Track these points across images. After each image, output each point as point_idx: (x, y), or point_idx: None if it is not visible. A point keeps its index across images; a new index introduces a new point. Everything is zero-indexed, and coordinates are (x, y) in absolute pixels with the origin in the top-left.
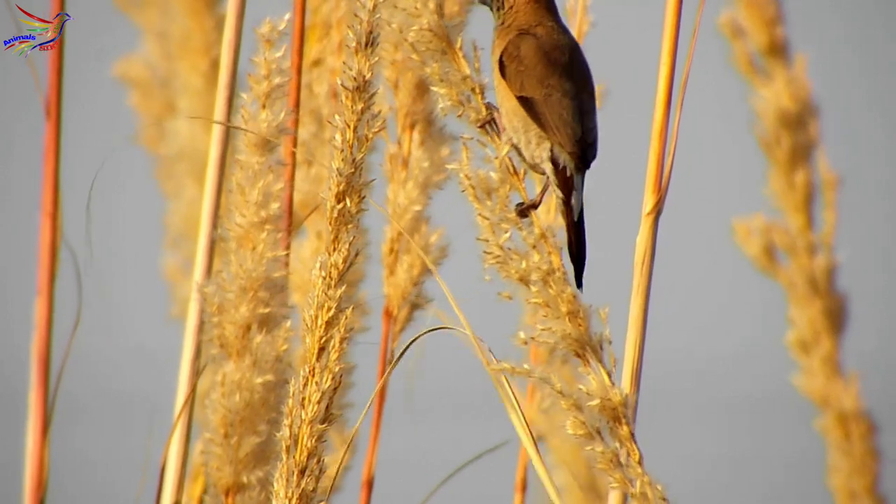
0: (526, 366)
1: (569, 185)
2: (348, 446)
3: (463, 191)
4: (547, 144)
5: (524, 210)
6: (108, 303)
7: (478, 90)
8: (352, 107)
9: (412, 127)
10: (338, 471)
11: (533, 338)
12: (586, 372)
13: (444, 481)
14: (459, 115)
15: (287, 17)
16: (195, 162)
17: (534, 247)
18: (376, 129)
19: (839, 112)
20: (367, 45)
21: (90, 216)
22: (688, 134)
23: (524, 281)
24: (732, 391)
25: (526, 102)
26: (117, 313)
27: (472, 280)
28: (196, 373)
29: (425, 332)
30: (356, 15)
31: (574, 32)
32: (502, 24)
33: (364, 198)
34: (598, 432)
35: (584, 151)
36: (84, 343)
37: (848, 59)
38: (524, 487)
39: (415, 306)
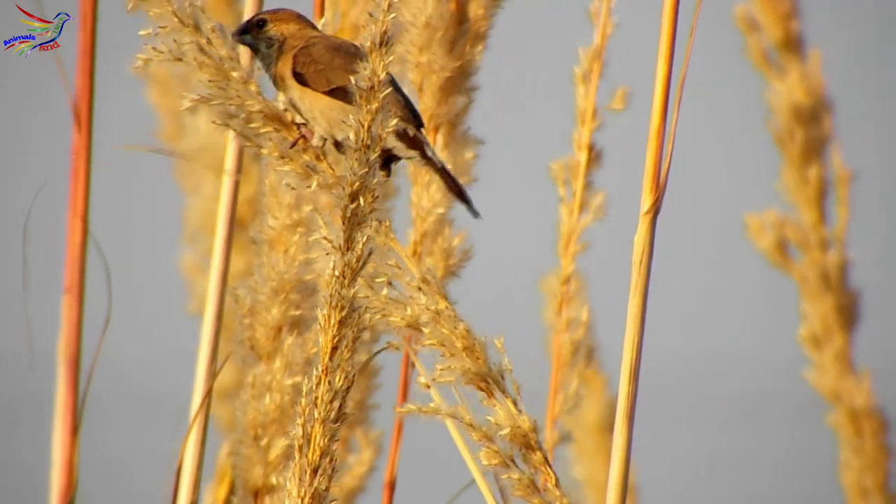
0: (432, 404)
1: (418, 142)
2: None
3: (327, 253)
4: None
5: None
6: (137, 302)
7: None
8: (366, 106)
9: (436, 129)
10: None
11: (434, 379)
12: (491, 404)
13: (469, 484)
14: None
15: (322, 21)
16: (214, 157)
17: (419, 289)
18: (390, 129)
19: (853, 107)
20: (381, 44)
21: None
22: (695, 132)
23: (413, 326)
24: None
25: (337, 93)
26: (145, 312)
27: (494, 282)
28: (213, 373)
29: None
30: (371, 14)
31: (597, 34)
32: (277, 55)
33: (377, 197)
34: (513, 460)
35: (414, 112)
36: (113, 343)
37: (862, 55)
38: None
39: None
